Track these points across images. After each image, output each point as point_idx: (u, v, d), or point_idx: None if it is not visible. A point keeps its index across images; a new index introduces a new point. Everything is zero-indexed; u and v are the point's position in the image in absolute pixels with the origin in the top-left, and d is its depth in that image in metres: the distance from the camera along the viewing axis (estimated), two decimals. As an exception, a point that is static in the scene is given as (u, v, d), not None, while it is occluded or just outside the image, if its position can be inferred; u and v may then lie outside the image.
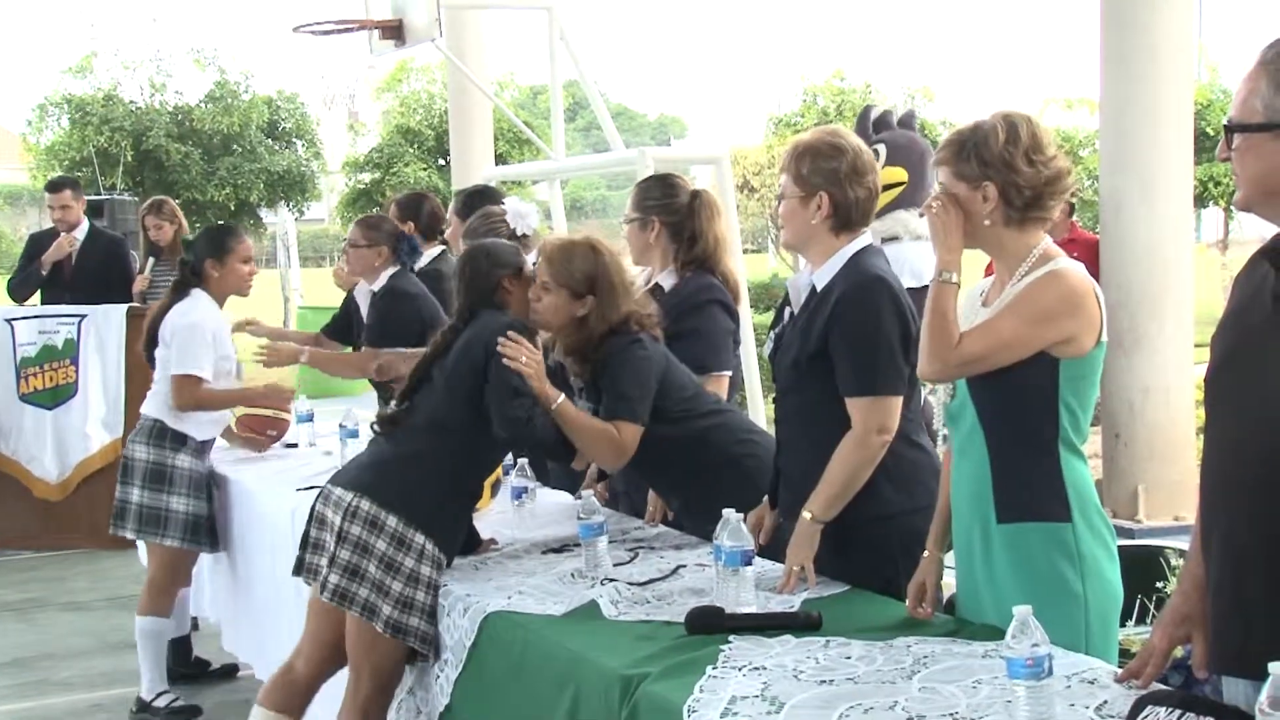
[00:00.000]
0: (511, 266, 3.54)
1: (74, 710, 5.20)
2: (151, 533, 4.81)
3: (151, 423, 4.85)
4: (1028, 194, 2.61)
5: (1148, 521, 6.99)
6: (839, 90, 20.11)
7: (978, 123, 2.67)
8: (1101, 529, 2.63)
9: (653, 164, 8.27)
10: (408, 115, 22.06)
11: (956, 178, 2.63)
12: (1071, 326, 2.56)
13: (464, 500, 3.44)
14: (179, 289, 4.87)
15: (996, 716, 2.10)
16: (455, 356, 3.41)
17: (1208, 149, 14.55)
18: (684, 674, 2.41)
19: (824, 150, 3.05)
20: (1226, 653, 2.12)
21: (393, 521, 3.24)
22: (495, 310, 3.48)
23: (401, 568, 3.23)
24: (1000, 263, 2.69)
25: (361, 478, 3.35)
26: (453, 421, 3.36)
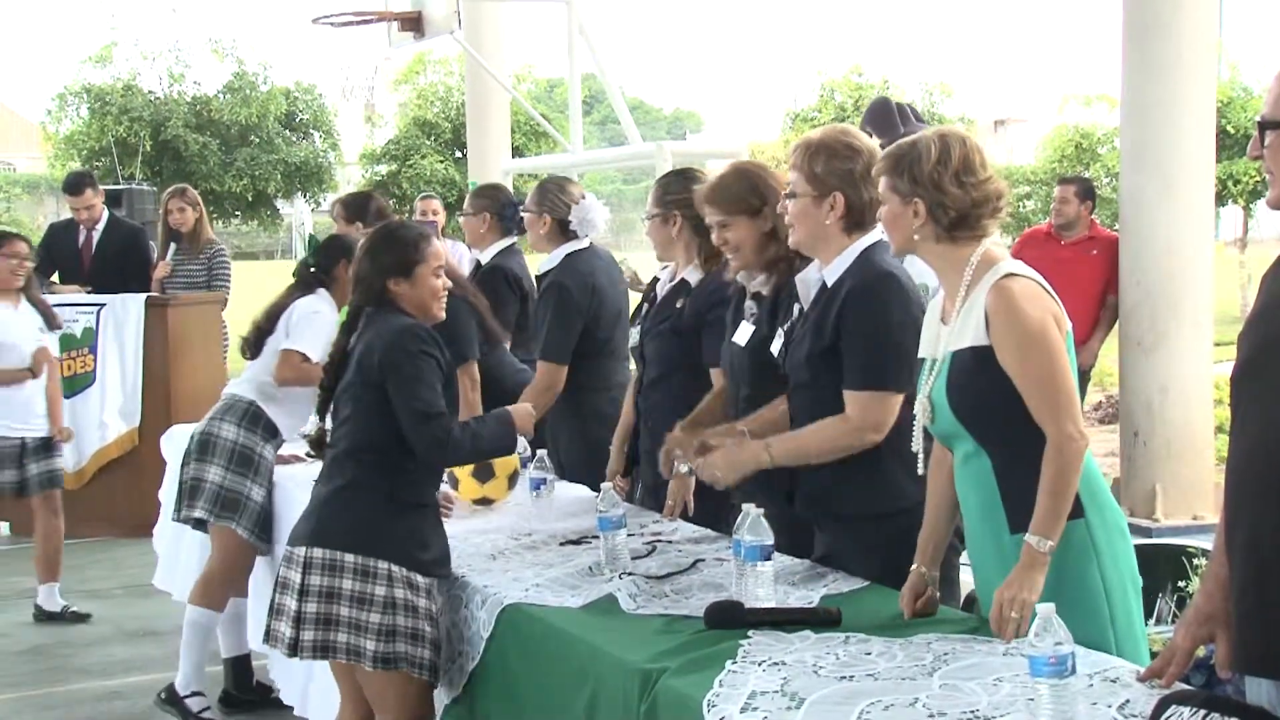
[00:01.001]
0: (399, 266, 3.29)
1: (92, 697, 5.22)
2: (228, 516, 4.50)
3: (246, 405, 4.58)
4: (953, 214, 2.64)
5: (1165, 520, 6.95)
6: (856, 86, 20.09)
7: (916, 139, 2.70)
8: (1113, 514, 2.64)
9: (670, 158, 8.28)
10: (425, 107, 22.11)
11: (891, 190, 2.69)
12: (1051, 312, 2.58)
13: (418, 511, 3.25)
14: (303, 285, 4.66)
15: (1018, 714, 2.09)
16: (350, 373, 3.26)
17: (1228, 147, 14.48)
18: (703, 668, 2.41)
19: (840, 150, 3.03)
20: (1251, 653, 2.11)
21: (350, 558, 3.13)
22: (387, 312, 3.28)
23: (374, 598, 3.11)
24: (942, 275, 2.73)
25: (308, 528, 3.23)
26: (372, 443, 3.21)
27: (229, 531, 4.51)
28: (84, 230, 8.11)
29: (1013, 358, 2.55)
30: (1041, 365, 2.53)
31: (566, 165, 9.63)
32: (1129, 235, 7.22)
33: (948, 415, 2.63)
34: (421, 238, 3.38)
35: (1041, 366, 2.53)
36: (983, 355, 2.57)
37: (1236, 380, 2.18)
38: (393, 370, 3.16)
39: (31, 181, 32.83)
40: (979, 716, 2.10)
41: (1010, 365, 2.55)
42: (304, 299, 4.61)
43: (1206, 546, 2.35)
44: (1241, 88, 16.38)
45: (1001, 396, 2.56)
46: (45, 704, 5.17)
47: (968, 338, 2.60)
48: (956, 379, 2.61)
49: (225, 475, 4.50)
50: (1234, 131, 15.09)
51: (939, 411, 2.65)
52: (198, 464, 4.53)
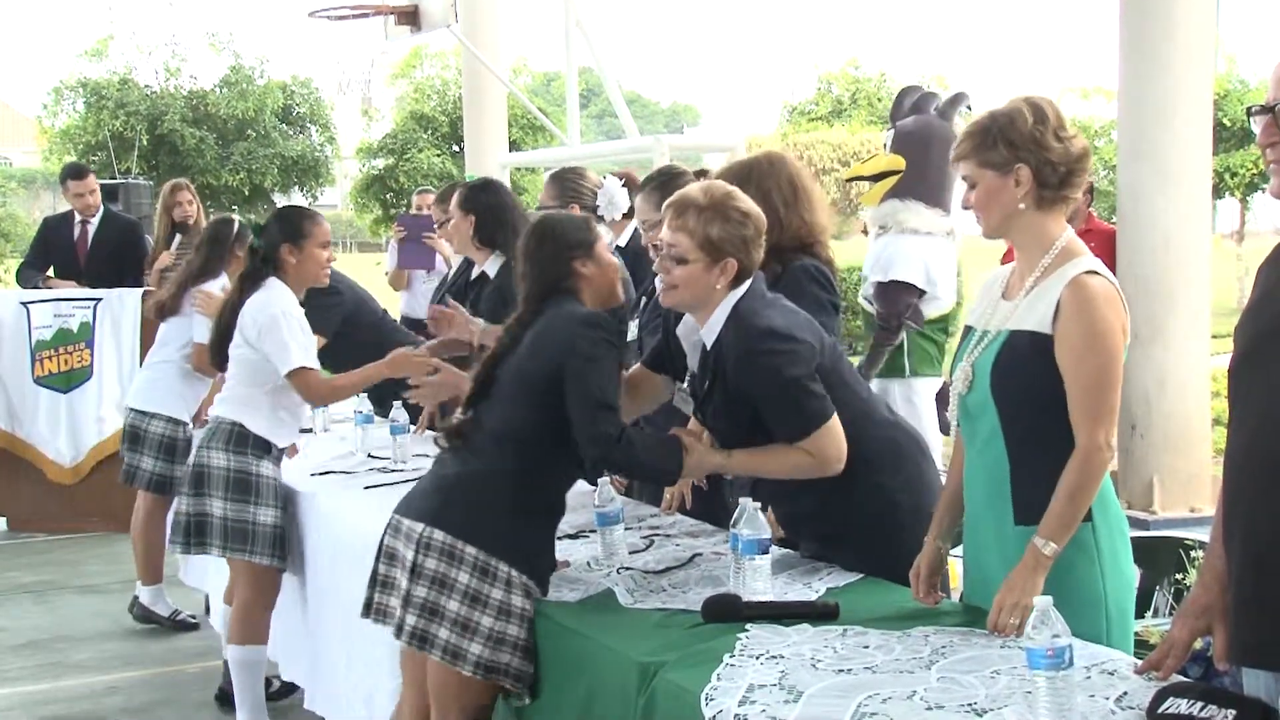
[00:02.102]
0: (582, 246, 3.12)
1: (90, 692, 5.22)
2: (239, 549, 4.23)
3: (230, 426, 4.27)
4: (1062, 170, 2.59)
5: (1163, 513, 6.97)
6: (853, 79, 20.08)
7: (994, 111, 2.65)
8: (1117, 518, 2.63)
9: (668, 151, 8.27)
10: (422, 101, 22.09)
11: (983, 166, 2.61)
12: (1123, 322, 2.54)
13: (547, 519, 3.03)
14: (251, 279, 4.31)
15: (1015, 707, 2.09)
16: (523, 356, 3.03)
17: (1225, 140, 14.48)
18: (701, 662, 2.41)
19: (734, 216, 2.97)
20: (1248, 644, 2.11)
21: (472, 551, 2.88)
22: (568, 299, 3.09)
23: (490, 600, 2.87)
24: (1023, 252, 2.67)
25: (430, 505, 2.97)
26: (524, 432, 2.98)
27: (246, 563, 4.26)
28: (79, 224, 8.10)
29: (1072, 355, 2.51)
30: (1098, 370, 2.50)
31: (563, 159, 9.61)
32: (1126, 228, 7.22)
33: (985, 390, 2.60)
34: (588, 219, 3.30)
35: (1097, 371, 2.50)
36: (1041, 343, 2.54)
37: (1234, 372, 2.18)
38: (573, 354, 2.94)
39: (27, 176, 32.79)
40: (977, 709, 2.10)
41: (1066, 362, 2.52)
42: (255, 298, 4.23)
43: (1204, 539, 2.35)
44: (1238, 80, 16.40)
45: (1043, 389, 2.53)
46: (42, 699, 5.16)
47: (1031, 321, 2.57)
48: (1006, 358, 2.58)
49: (226, 506, 4.23)
50: (1230, 124, 15.10)
51: (979, 382, 2.62)
52: (195, 499, 4.26)
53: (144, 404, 5.71)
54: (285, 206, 4.85)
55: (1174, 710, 1.92)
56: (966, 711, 2.10)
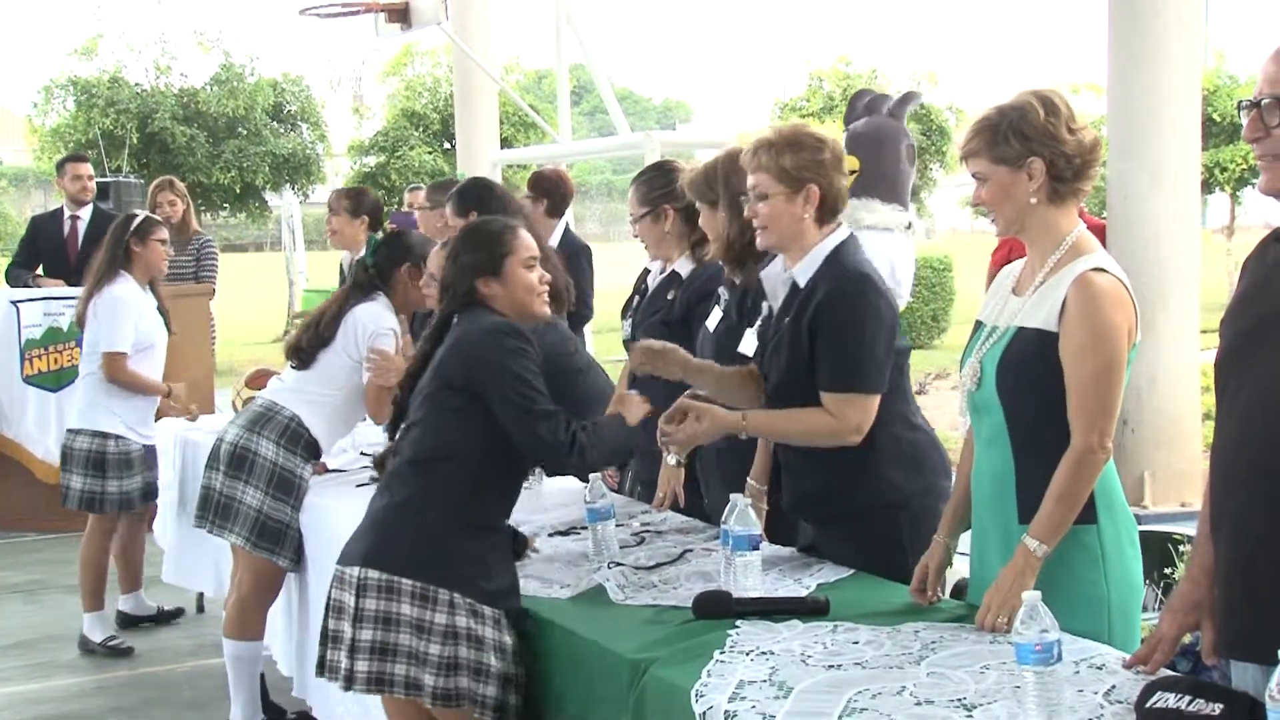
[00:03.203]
0: (488, 265, 3.03)
1: (80, 692, 5.21)
2: (267, 548, 4.10)
3: (288, 420, 4.13)
4: (1076, 163, 2.57)
5: (1154, 507, 6.98)
6: (844, 75, 20.05)
7: (1002, 106, 2.62)
8: (1125, 522, 2.61)
9: (659, 148, 8.27)
10: (413, 99, 22.05)
11: (996, 162, 2.58)
12: (1126, 324, 2.52)
13: (486, 534, 2.92)
14: (361, 290, 4.24)
15: (1005, 702, 2.09)
16: (429, 378, 2.96)
17: (1214, 135, 14.51)
18: (692, 658, 2.41)
19: (807, 142, 3.00)
20: (1236, 637, 2.12)
21: (408, 583, 2.81)
22: (478, 312, 3.01)
23: (434, 626, 2.80)
24: (1034, 247, 2.65)
25: (363, 547, 2.90)
26: (442, 452, 2.89)
27: (266, 562, 4.13)
28: (69, 222, 8.08)
29: (1073, 353, 2.50)
30: (1098, 371, 2.48)
31: (555, 156, 9.62)
32: (1117, 223, 7.23)
33: (991, 387, 2.59)
34: (507, 229, 3.10)
35: (1097, 372, 2.48)
36: (1048, 341, 2.53)
37: (1221, 366, 2.18)
38: (491, 373, 2.85)
39: (18, 175, 32.69)
40: (966, 704, 2.11)
41: (1068, 360, 2.50)
42: (363, 307, 4.19)
43: (1193, 533, 2.34)
44: (1227, 75, 16.43)
45: (1049, 388, 2.51)
46: (31, 699, 5.15)
47: (1038, 318, 2.55)
48: (1013, 355, 2.57)
49: (264, 500, 4.09)
50: (1220, 120, 15.13)
51: (986, 378, 2.61)
52: (230, 479, 4.10)
53: (72, 422, 5.53)
54: (403, 231, 4.71)
55: (1162, 704, 1.93)
56: (956, 706, 2.10)
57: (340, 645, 2.88)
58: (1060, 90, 2.68)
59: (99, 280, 5.38)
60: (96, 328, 5.37)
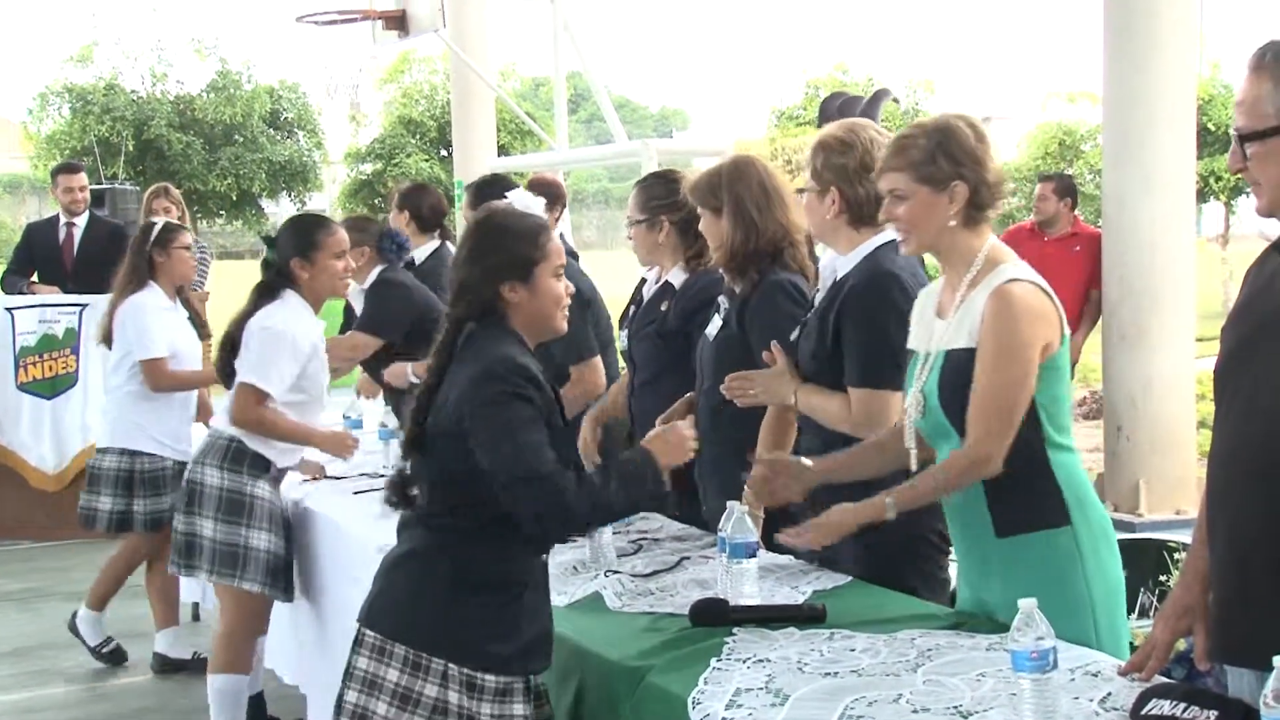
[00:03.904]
0: (518, 268, 2.59)
1: (76, 700, 5.21)
2: (228, 574, 4.00)
3: (226, 441, 4.05)
4: (998, 190, 2.61)
5: (1149, 515, 6.99)
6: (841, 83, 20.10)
7: (926, 125, 2.64)
8: (1098, 519, 2.63)
9: (656, 156, 8.28)
10: (410, 106, 22.07)
11: (920, 181, 2.59)
12: (1044, 335, 2.55)
13: (502, 591, 2.52)
14: (266, 292, 4.07)
15: (1001, 709, 2.10)
16: (437, 404, 2.56)
17: (1209, 144, 14.55)
18: (688, 666, 2.41)
19: (834, 146, 3.07)
20: (1230, 643, 2.13)
21: (400, 648, 2.52)
22: (493, 328, 2.58)
23: (422, 699, 2.50)
24: (950, 267, 2.68)
25: (367, 600, 2.64)
26: (448, 500, 2.54)
27: (234, 590, 4.04)
28: (65, 229, 8.08)
29: (982, 364, 2.53)
30: (1002, 386, 2.51)
31: (552, 163, 9.63)
32: (1112, 231, 7.25)
33: (938, 412, 2.62)
34: (540, 229, 2.67)
35: (1001, 387, 2.51)
36: (974, 358, 2.56)
37: (1220, 373, 2.20)
38: (478, 426, 2.45)
39: (13, 181, 32.67)
40: (962, 711, 2.11)
41: (977, 368, 2.53)
42: (261, 310, 4.02)
43: (1188, 540, 2.36)
44: (1222, 85, 16.46)
45: None
46: (27, 707, 5.15)
47: (963, 338, 2.58)
48: (949, 378, 2.59)
49: (216, 527, 4.00)
50: (1214, 129, 15.16)
51: (930, 408, 2.64)
52: (186, 517, 4.05)
53: (102, 441, 5.35)
54: (297, 215, 4.57)
55: (1157, 711, 1.93)
56: (952, 714, 2.11)
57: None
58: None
59: (122, 291, 5.23)
60: (125, 338, 5.18)
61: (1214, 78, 16.75)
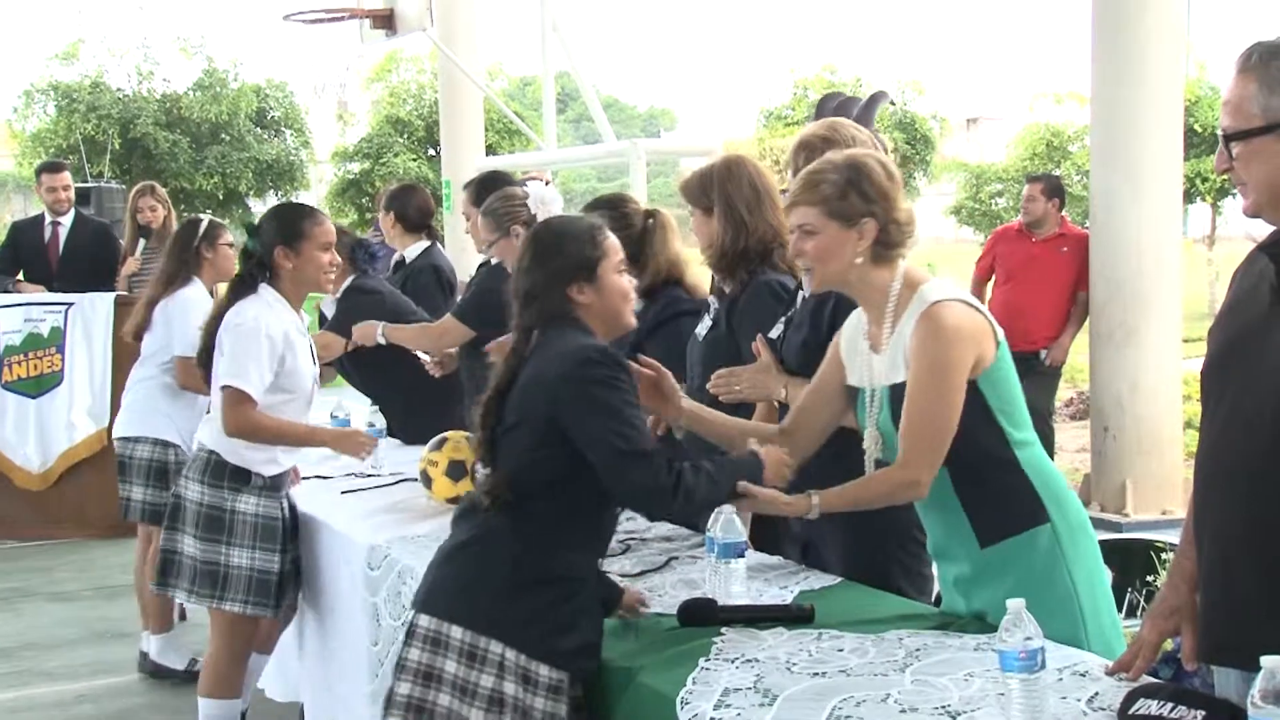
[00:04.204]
0: (582, 269, 2.62)
1: (59, 701, 5.18)
2: (206, 594, 3.84)
3: (206, 455, 3.89)
4: (906, 230, 2.61)
5: (1135, 515, 7.02)
6: (829, 84, 20.13)
7: (837, 161, 2.63)
8: (1074, 511, 2.65)
9: (644, 155, 8.29)
10: (397, 105, 22.01)
11: (830, 217, 2.59)
12: (974, 352, 2.55)
13: (561, 585, 2.53)
14: (242, 284, 3.89)
15: (989, 709, 2.10)
16: (516, 398, 2.58)
17: (1195, 145, 14.60)
18: (677, 666, 2.41)
19: (816, 145, 3.07)
20: (1217, 643, 2.13)
21: (457, 633, 2.49)
22: (567, 327, 2.60)
23: (478, 690, 2.46)
24: (865, 301, 2.68)
25: (421, 589, 2.62)
26: (521, 488, 2.53)
27: (215, 610, 3.88)
28: (50, 227, 8.05)
29: (913, 385, 2.54)
30: (929, 410, 2.52)
31: (540, 163, 9.62)
32: (1099, 232, 7.27)
33: (898, 447, 2.63)
34: (596, 228, 2.71)
35: (930, 406, 2.52)
36: None
37: (1206, 374, 2.20)
38: (581, 408, 2.47)
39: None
40: (950, 711, 2.11)
41: (909, 389, 2.55)
42: (236, 306, 3.83)
43: (1175, 541, 2.36)
44: (1209, 87, 16.53)
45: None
46: (10, 708, 5.12)
47: (901, 372, 2.59)
48: (900, 413, 2.59)
49: (196, 545, 3.84)
50: (1202, 130, 15.23)
51: (889, 443, 2.64)
52: (168, 533, 3.91)
53: (127, 429, 5.19)
54: (282, 204, 4.44)
55: (1144, 711, 1.94)
56: (940, 714, 2.11)
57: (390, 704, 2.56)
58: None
59: (167, 286, 5.12)
60: (168, 332, 5.07)
61: (1201, 79, 16.82)
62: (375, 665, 3.51)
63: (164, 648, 5.30)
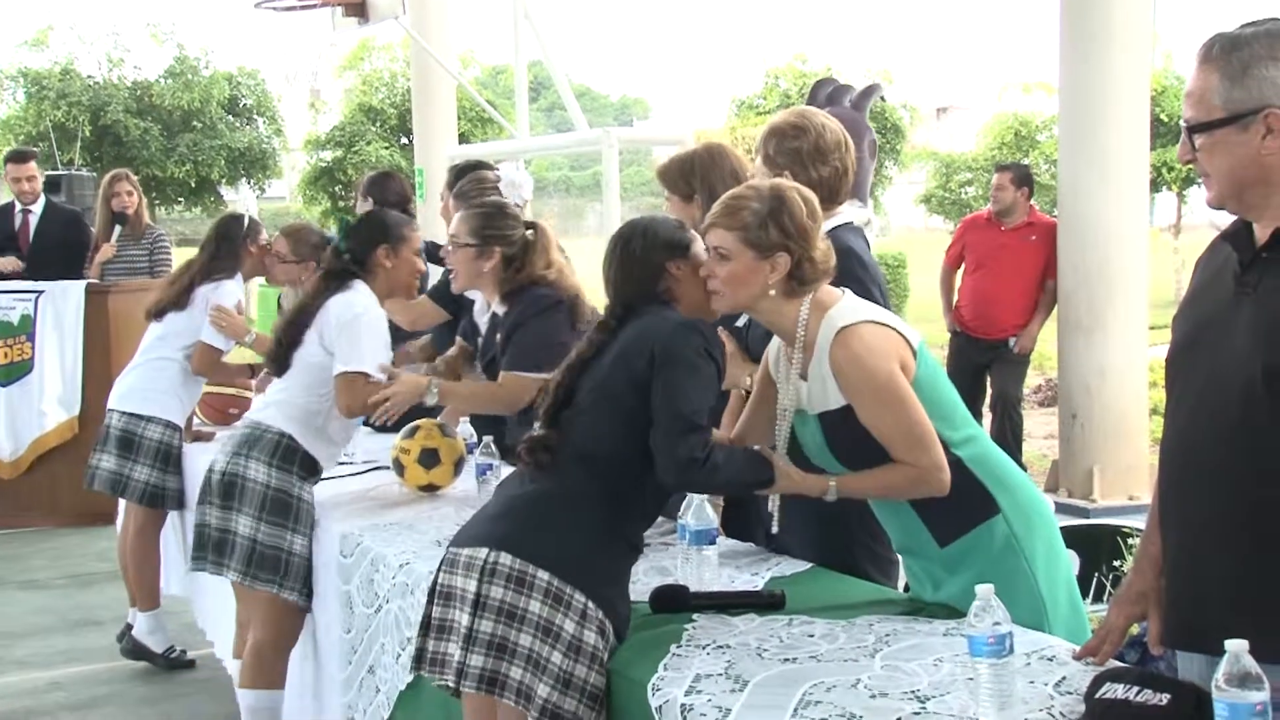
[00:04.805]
0: (677, 247, 2.74)
1: (32, 689, 5.14)
2: (268, 579, 3.70)
3: (277, 437, 3.75)
4: (821, 268, 2.60)
5: (1103, 501, 7.06)
6: (800, 74, 20.13)
7: (761, 189, 2.62)
8: (1022, 489, 2.66)
9: (617, 144, 8.26)
10: (370, 93, 21.89)
11: (746, 245, 2.57)
12: (898, 359, 2.55)
13: (626, 553, 2.63)
14: (335, 279, 3.83)
15: (958, 694, 2.11)
16: (609, 364, 2.65)
17: (1162, 135, 14.69)
18: (649, 652, 2.41)
19: (786, 131, 3.07)
20: (1182, 628, 2.15)
21: (544, 576, 2.49)
22: (660, 305, 2.71)
23: (561, 633, 2.46)
24: (777, 329, 2.67)
25: (495, 529, 2.58)
26: (609, 450, 2.59)
27: (273, 597, 3.73)
28: (20, 215, 7.97)
29: (870, 413, 2.54)
30: (899, 416, 2.52)
31: (513, 151, 9.58)
32: (1067, 221, 7.31)
33: (837, 466, 2.64)
34: (681, 225, 2.84)
35: (899, 417, 2.52)
36: (850, 411, 2.56)
37: (1171, 361, 2.21)
38: (669, 365, 2.56)
39: (-33, 167, 32.16)
40: (920, 696, 2.12)
41: (869, 420, 2.54)
42: (336, 298, 3.79)
43: (1142, 526, 2.37)
44: (1175, 77, 16.64)
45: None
46: (-15, 696, 5.08)
47: (831, 399, 2.58)
48: (837, 436, 2.60)
49: (258, 527, 3.70)
50: (1168, 120, 15.32)
51: (831, 466, 2.65)
52: (222, 511, 3.73)
53: (139, 406, 5.01)
54: (380, 209, 4.38)
55: (1111, 695, 1.95)
56: (910, 698, 2.11)
57: (451, 636, 2.54)
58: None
59: (210, 274, 5.02)
60: (203, 318, 4.96)
61: (1167, 69, 16.92)
62: (349, 652, 3.50)
63: (150, 627, 5.21)
